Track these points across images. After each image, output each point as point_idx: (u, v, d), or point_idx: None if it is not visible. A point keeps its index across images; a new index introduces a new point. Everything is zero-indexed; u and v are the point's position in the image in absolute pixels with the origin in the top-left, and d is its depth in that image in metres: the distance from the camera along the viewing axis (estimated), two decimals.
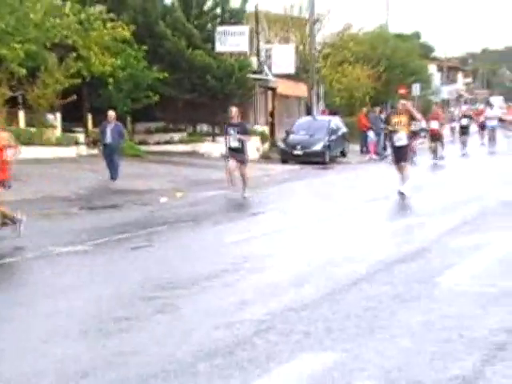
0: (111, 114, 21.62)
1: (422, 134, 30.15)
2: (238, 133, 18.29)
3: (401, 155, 17.12)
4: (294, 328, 6.50)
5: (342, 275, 8.68)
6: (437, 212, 14.20)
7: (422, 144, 31.14)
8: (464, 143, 34.96)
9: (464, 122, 36.58)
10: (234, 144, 18.30)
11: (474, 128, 39.99)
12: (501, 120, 51.67)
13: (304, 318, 6.81)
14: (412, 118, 17.35)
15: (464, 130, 36.08)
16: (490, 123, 37.67)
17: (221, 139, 33.20)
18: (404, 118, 17.05)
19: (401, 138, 17.02)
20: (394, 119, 17.23)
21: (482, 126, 39.24)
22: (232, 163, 18.17)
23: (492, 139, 36.89)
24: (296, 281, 8.45)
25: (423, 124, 30.91)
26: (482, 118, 39.44)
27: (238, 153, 18.32)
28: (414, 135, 20.26)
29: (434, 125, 29.45)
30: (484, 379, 5.18)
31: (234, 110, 18.75)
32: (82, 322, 6.94)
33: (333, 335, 6.26)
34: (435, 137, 29.20)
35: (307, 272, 8.94)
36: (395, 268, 9.03)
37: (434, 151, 28.93)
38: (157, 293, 8.07)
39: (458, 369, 5.37)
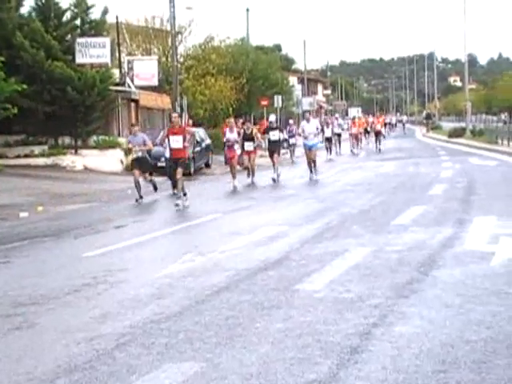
0: None
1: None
2: None
3: None
4: (155, 340, 6.52)
5: (204, 285, 8.75)
6: (299, 221, 14.49)
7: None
8: (274, 165, 25.61)
9: (273, 136, 26.40)
10: None
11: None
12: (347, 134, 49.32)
13: (165, 330, 6.84)
14: None
15: (272, 147, 26.43)
16: (306, 142, 26.30)
17: (84, 152, 32.91)
18: None
19: None
20: None
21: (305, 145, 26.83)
22: None
23: (312, 163, 25.75)
24: (158, 293, 8.46)
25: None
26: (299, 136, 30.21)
27: None
28: None
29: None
30: (339, 381, 5.36)
31: None
32: None
33: (194, 345, 6.32)
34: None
35: (169, 284, 8.96)
36: (257, 276, 9.18)
37: None
38: (15, 309, 7.91)
39: (315, 373, 5.53)
